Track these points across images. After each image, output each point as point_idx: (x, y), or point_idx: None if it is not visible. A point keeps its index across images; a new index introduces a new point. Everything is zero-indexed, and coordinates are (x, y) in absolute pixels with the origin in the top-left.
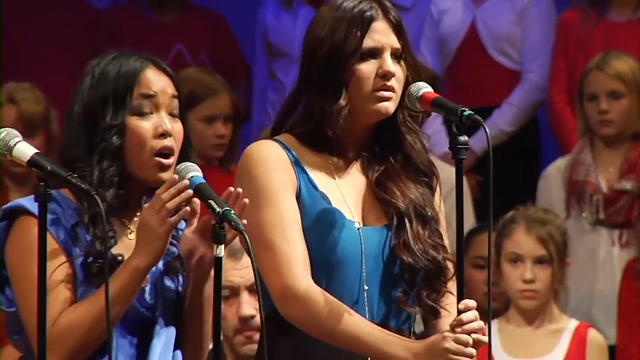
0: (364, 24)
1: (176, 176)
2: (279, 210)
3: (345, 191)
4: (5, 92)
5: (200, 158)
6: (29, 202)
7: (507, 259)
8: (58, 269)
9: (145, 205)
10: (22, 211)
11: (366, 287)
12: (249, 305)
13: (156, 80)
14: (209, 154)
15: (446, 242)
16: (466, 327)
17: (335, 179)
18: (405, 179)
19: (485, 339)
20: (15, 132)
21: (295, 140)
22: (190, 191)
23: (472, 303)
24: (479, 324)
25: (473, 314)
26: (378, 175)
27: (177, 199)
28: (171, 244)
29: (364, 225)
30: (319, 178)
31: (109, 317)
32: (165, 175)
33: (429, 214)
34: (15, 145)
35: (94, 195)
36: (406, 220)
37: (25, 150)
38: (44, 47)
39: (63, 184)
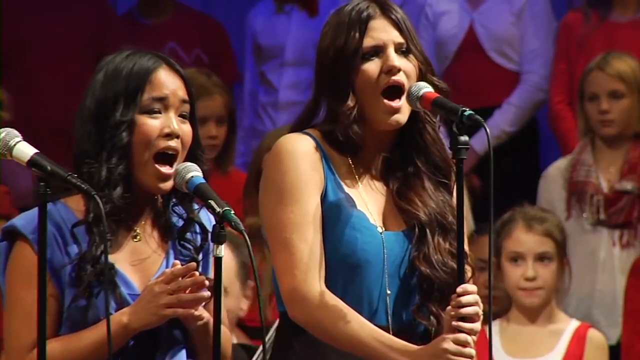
0: (362, 24)
1: (203, 277)
2: (303, 210)
3: (367, 195)
4: None
5: None
6: (23, 221)
7: (507, 259)
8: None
9: (159, 278)
10: (17, 233)
11: (389, 292)
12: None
13: (168, 82)
14: None
15: (466, 244)
16: (463, 310)
17: (357, 182)
18: (427, 185)
19: (478, 327)
20: (16, 132)
21: (322, 137)
22: (207, 294)
23: (471, 288)
24: (475, 309)
25: (473, 297)
26: (399, 185)
27: (191, 298)
28: (184, 246)
29: (385, 230)
30: (344, 179)
31: (109, 320)
32: (164, 186)
33: (449, 220)
34: (15, 145)
35: (95, 195)
36: (427, 232)
37: (25, 150)
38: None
39: (63, 184)
